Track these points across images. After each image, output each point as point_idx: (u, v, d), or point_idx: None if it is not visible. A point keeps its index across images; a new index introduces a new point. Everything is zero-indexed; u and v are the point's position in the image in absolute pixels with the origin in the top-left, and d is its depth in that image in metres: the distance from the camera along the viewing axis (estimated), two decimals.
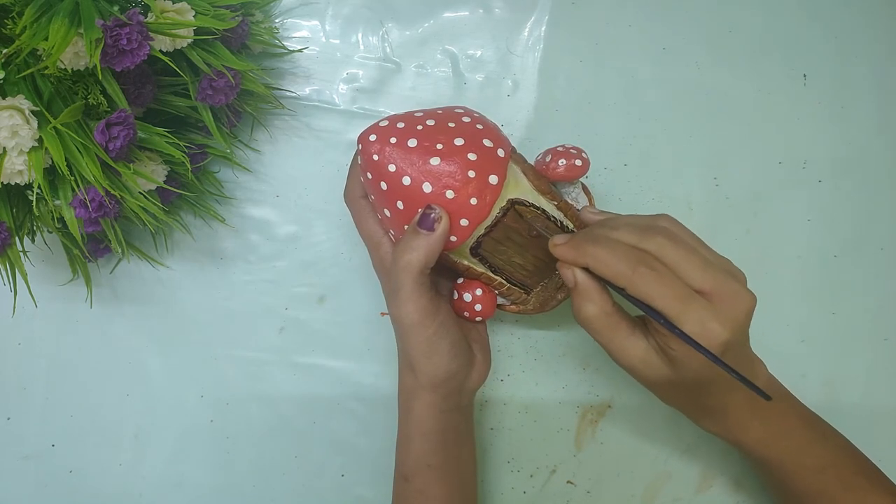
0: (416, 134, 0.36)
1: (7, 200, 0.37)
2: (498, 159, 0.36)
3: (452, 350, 0.37)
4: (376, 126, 0.37)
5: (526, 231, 0.38)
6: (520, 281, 0.40)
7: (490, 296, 0.40)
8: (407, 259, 0.34)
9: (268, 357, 0.48)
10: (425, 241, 0.34)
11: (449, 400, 0.38)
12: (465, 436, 0.41)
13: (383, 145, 0.36)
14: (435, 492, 0.39)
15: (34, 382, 0.48)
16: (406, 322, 0.36)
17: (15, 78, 0.34)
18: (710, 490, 0.49)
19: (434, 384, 0.37)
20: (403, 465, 0.40)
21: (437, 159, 0.35)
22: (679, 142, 0.49)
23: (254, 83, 0.43)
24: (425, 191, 0.35)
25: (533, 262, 0.39)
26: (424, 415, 0.38)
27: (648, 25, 0.50)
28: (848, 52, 0.51)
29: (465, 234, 0.36)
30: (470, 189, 0.35)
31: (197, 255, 0.48)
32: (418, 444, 0.38)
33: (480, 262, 0.38)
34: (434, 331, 0.36)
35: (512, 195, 0.37)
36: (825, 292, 0.50)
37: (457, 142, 0.35)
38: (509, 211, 0.37)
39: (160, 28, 0.34)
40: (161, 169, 0.40)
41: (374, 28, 0.49)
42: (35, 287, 0.41)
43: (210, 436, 0.48)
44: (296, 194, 0.48)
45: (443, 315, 0.36)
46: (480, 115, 0.39)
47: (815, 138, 0.50)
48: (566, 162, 0.38)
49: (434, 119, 0.37)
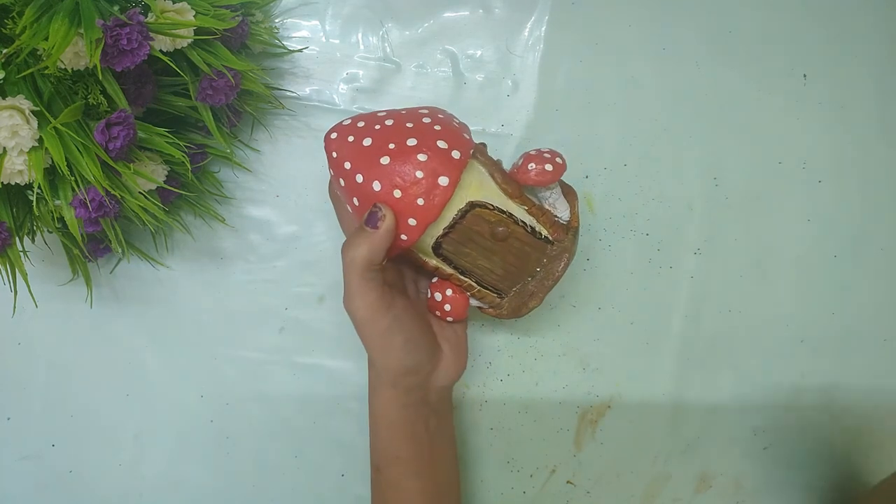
0: (373, 133, 0.36)
1: (7, 200, 0.37)
2: (451, 161, 0.36)
3: (407, 346, 0.37)
4: (340, 125, 0.38)
5: (489, 234, 0.38)
6: (491, 284, 0.40)
7: (460, 297, 0.40)
8: (351, 255, 0.35)
9: (268, 357, 0.48)
10: (368, 238, 0.35)
11: (410, 394, 0.39)
12: (437, 431, 0.41)
13: (342, 143, 0.37)
14: (407, 485, 0.39)
15: (34, 382, 0.48)
16: (356, 317, 0.37)
17: (15, 78, 0.34)
18: (709, 490, 0.49)
19: (391, 378, 0.38)
20: (374, 455, 0.40)
21: (386, 158, 0.35)
22: (679, 142, 0.49)
23: (254, 83, 0.42)
24: (374, 189, 0.35)
25: (502, 266, 0.39)
26: (386, 407, 0.39)
27: (648, 25, 0.50)
28: (848, 52, 0.51)
29: (415, 233, 0.36)
30: (417, 189, 0.35)
31: (197, 255, 0.48)
32: (383, 436, 0.39)
33: (446, 263, 0.39)
34: (386, 326, 0.36)
35: (473, 197, 0.37)
36: (825, 292, 0.50)
37: (409, 142, 0.35)
38: (468, 213, 0.37)
39: (160, 28, 0.34)
40: (161, 169, 0.40)
41: (374, 28, 0.49)
42: (35, 287, 0.41)
43: (210, 436, 0.48)
44: (296, 194, 0.48)
45: (398, 310, 0.37)
46: (446, 116, 0.38)
47: (815, 138, 0.50)
48: (536, 166, 0.37)
49: (394, 119, 0.37)
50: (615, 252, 0.49)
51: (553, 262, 0.39)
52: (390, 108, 0.39)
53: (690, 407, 0.49)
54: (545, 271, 0.40)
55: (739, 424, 0.49)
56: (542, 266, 0.39)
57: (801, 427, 0.49)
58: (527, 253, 0.39)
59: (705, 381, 0.49)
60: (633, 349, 0.49)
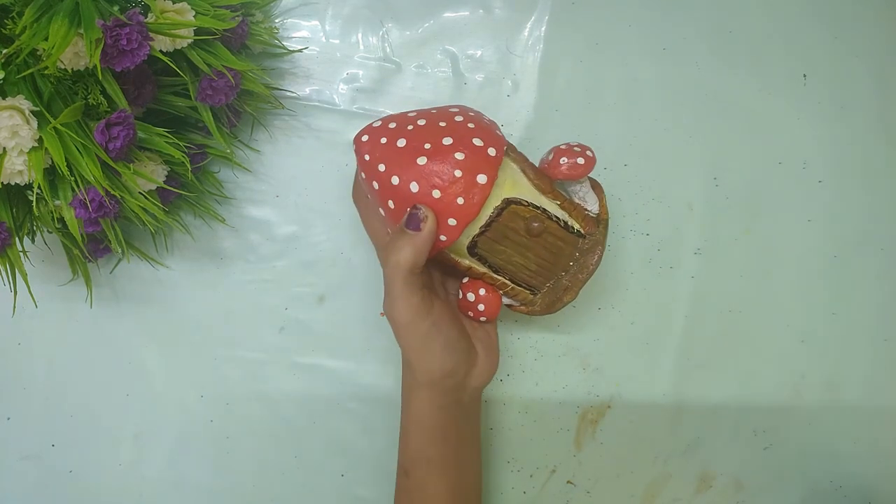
0: (406, 134, 0.36)
1: (7, 200, 0.37)
2: (488, 158, 0.36)
3: (446, 348, 0.37)
4: (370, 126, 0.37)
5: (525, 231, 0.37)
6: (524, 281, 0.39)
7: (494, 296, 0.39)
8: (395, 259, 0.35)
9: (268, 357, 0.48)
10: (411, 240, 0.35)
11: (447, 396, 0.38)
12: (466, 433, 0.41)
13: (374, 145, 0.36)
14: (434, 487, 0.39)
15: (34, 382, 0.48)
16: (398, 321, 0.36)
17: (15, 78, 0.34)
18: (709, 490, 0.49)
19: (430, 381, 0.38)
20: (403, 458, 0.40)
21: (423, 159, 0.35)
22: (679, 142, 0.49)
23: (254, 83, 0.42)
24: (412, 190, 0.35)
25: (536, 262, 0.39)
26: (422, 410, 0.38)
27: (648, 25, 0.50)
28: (848, 52, 0.51)
29: (455, 233, 0.36)
30: (456, 188, 0.35)
31: (197, 255, 0.48)
32: (416, 438, 0.39)
33: (480, 262, 0.38)
34: (426, 329, 0.36)
35: (508, 194, 0.37)
36: (825, 292, 0.50)
37: (445, 141, 0.35)
38: (504, 210, 0.37)
39: (160, 28, 0.34)
40: (161, 169, 0.40)
41: (374, 28, 0.49)
42: (35, 287, 0.41)
43: (210, 436, 0.48)
44: (296, 194, 0.48)
45: (436, 314, 0.37)
46: (476, 114, 0.38)
47: (815, 138, 0.50)
48: (568, 160, 0.37)
49: (426, 119, 0.37)
50: (615, 252, 0.49)
51: (586, 256, 0.39)
52: (419, 108, 0.38)
53: (690, 407, 0.49)
54: (578, 265, 0.39)
55: (739, 424, 0.49)
56: (574, 260, 0.39)
57: (802, 427, 0.49)
58: (560, 248, 0.39)
59: (705, 381, 0.49)
60: (633, 349, 0.49)
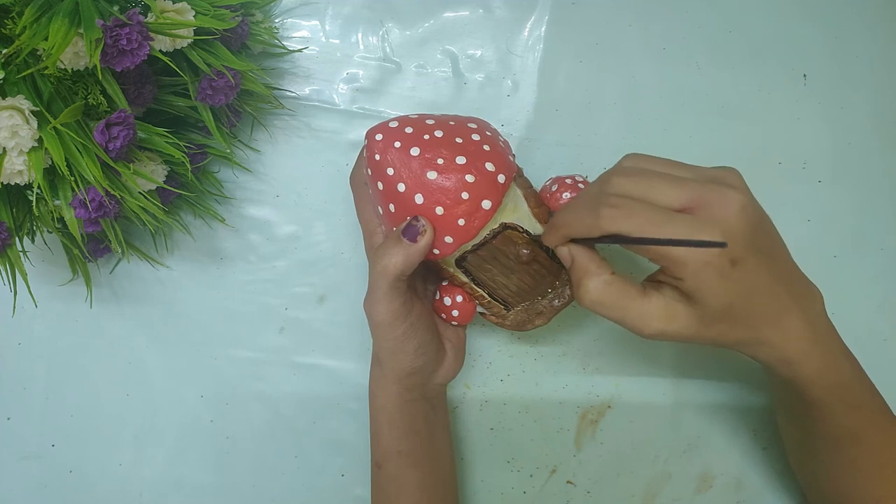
0: (421, 143, 0.36)
1: (7, 200, 0.37)
2: (496, 185, 0.36)
3: (418, 350, 0.38)
4: (385, 126, 0.37)
5: (514, 256, 0.38)
6: (502, 298, 0.40)
7: (469, 305, 0.40)
8: (384, 264, 0.35)
9: (268, 357, 0.48)
10: (405, 250, 0.35)
11: (413, 391, 0.40)
12: (435, 424, 0.42)
13: (387, 147, 0.36)
14: (407, 477, 0.40)
15: (34, 382, 0.48)
16: (377, 321, 0.37)
17: (15, 78, 0.34)
18: (710, 490, 0.49)
19: (397, 377, 0.39)
20: (376, 452, 0.41)
21: (434, 173, 0.35)
22: (679, 142, 0.49)
23: (254, 83, 0.42)
24: (416, 201, 0.35)
25: (517, 285, 0.39)
26: (389, 404, 0.39)
27: (648, 25, 0.50)
28: (848, 52, 0.51)
29: (449, 250, 0.36)
30: (460, 210, 0.35)
31: (197, 255, 0.48)
32: (386, 432, 0.40)
33: (464, 274, 0.39)
34: (402, 332, 0.37)
35: (507, 219, 0.37)
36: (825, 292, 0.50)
37: (458, 160, 0.35)
38: (500, 234, 0.37)
39: (160, 28, 0.34)
40: (161, 169, 0.40)
41: (374, 28, 0.49)
42: (35, 287, 0.41)
43: (210, 436, 0.48)
44: (296, 194, 0.48)
45: (414, 317, 0.37)
46: (493, 133, 0.38)
47: (815, 138, 0.50)
48: (571, 195, 0.37)
49: (443, 131, 0.37)
50: (615, 252, 0.49)
51: (565, 287, 0.40)
52: (438, 115, 0.38)
53: (690, 407, 0.49)
54: (556, 293, 0.40)
55: (739, 424, 0.49)
56: (553, 289, 0.40)
57: None
58: (543, 275, 0.40)
59: (705, 381, 0.49)
60: (633, 349, 0.49)
